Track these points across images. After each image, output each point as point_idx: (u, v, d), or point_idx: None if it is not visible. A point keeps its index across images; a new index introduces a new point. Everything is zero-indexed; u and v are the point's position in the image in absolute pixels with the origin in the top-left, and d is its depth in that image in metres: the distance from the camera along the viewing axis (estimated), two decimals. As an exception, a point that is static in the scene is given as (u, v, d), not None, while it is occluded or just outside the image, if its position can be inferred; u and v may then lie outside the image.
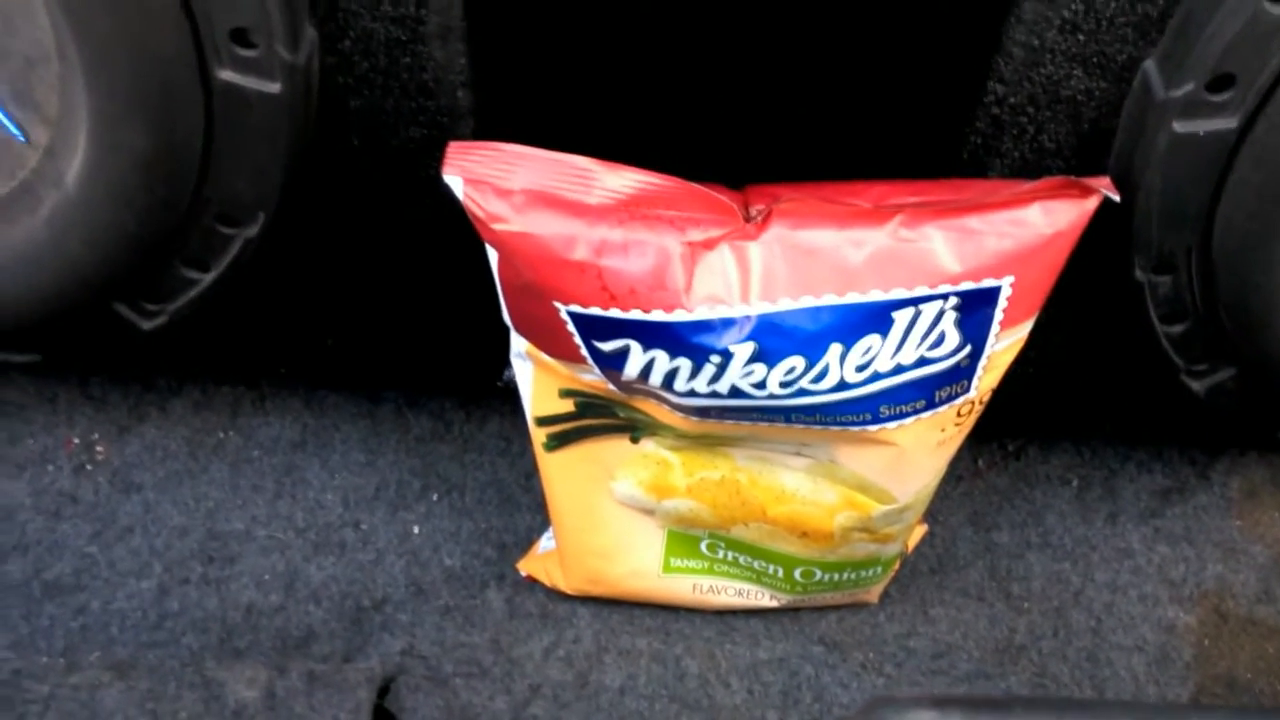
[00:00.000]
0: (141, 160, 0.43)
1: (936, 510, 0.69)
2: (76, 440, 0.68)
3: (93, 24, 0.39)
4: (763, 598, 0.61)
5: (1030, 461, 0.72)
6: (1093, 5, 0.39)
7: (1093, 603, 0.67)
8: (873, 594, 0.63)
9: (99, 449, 0.68)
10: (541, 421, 0.54)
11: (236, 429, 0.70)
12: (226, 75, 0.41)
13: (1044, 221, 0.42)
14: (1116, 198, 0.42)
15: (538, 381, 0.52)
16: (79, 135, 0.44)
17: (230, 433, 0.70)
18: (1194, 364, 0.55)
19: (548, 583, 0.64)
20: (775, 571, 0.59)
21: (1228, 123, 0.41)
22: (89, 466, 0.68)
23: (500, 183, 0.42)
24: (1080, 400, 0.65)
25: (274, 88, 0.41)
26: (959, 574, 0.67)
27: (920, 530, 0.65)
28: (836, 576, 0.59)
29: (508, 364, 0.53)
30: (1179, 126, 0.41)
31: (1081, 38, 0.41)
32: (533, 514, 0.68)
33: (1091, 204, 0.42)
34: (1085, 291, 0.51)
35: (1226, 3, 0.38)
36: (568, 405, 0.52)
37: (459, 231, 0.45)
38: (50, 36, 0.42)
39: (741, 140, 0.49)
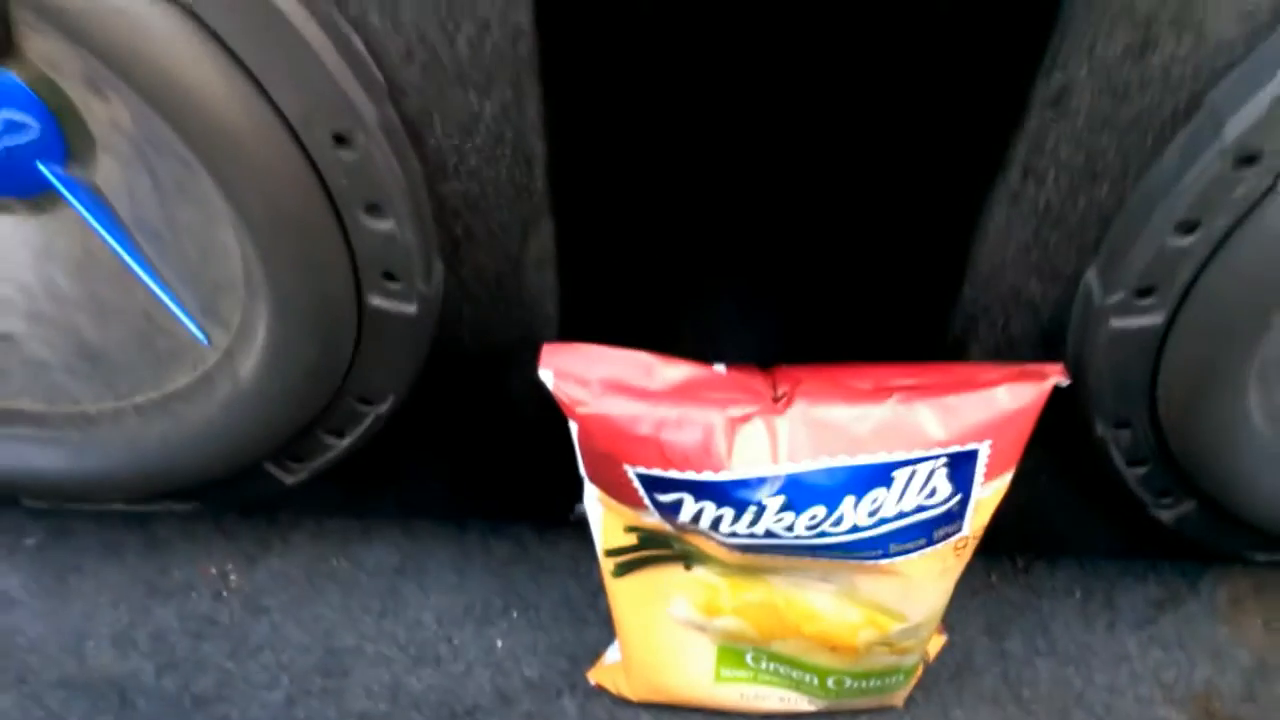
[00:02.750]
0: (306, 365, 0.54)
1: (955, 621, 0.77)
2: (214, 570, 0.78)
3: (280, 267, 0.50)
4: (801, 703, 0.70)
5: (1038, 576, 0.79)
6: (1040, 232, 0.50)
7: (1094, 704, 0.74)
8: (898, 698, 0.72)
9: (232, 577, 0.77)
10: (610, 553, 0.64)
11: (346, 556, 0.79)
12: (376, 301, 0.52)
13: (1009, 400, 0.52)
14: (1066, 382, 0.52)
15: (607, 521, 0.62)
16: (256, 343, 0.55)
17: (341, 560, 0.79)
18: (1160, 498, 0.63)
19: (614, 691, 0.73)
20: (811, 680, 0.68)
21: (1155, 320, 0.50)
22: (224, 593, 0.77)
23: (582, 375, 0.54)
24: (1076, 524, 0.74)
25: (411, 309, 0.52)
26: (975, 679, 0.74)
27: (940, 640, 0.74)
28: (864, 684, 0.68)
29: (579, 500, 0.64)
30: (1116, 323, 0.51)
31: (1034, 255, 0.51)
32: (600, 629, 0.75)
33: (1048, 385, 0.53)
34: (1066, 440, 0.61)
35: (1144, 235, 0.48)
36: (632, 539, 0.62)
37: (542, 407, 0.56)
38: (240, 271, 0.54)
39: (775, 333, 0.60)
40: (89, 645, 0.75)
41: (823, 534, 0.55)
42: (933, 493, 0.54)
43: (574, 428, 0.55)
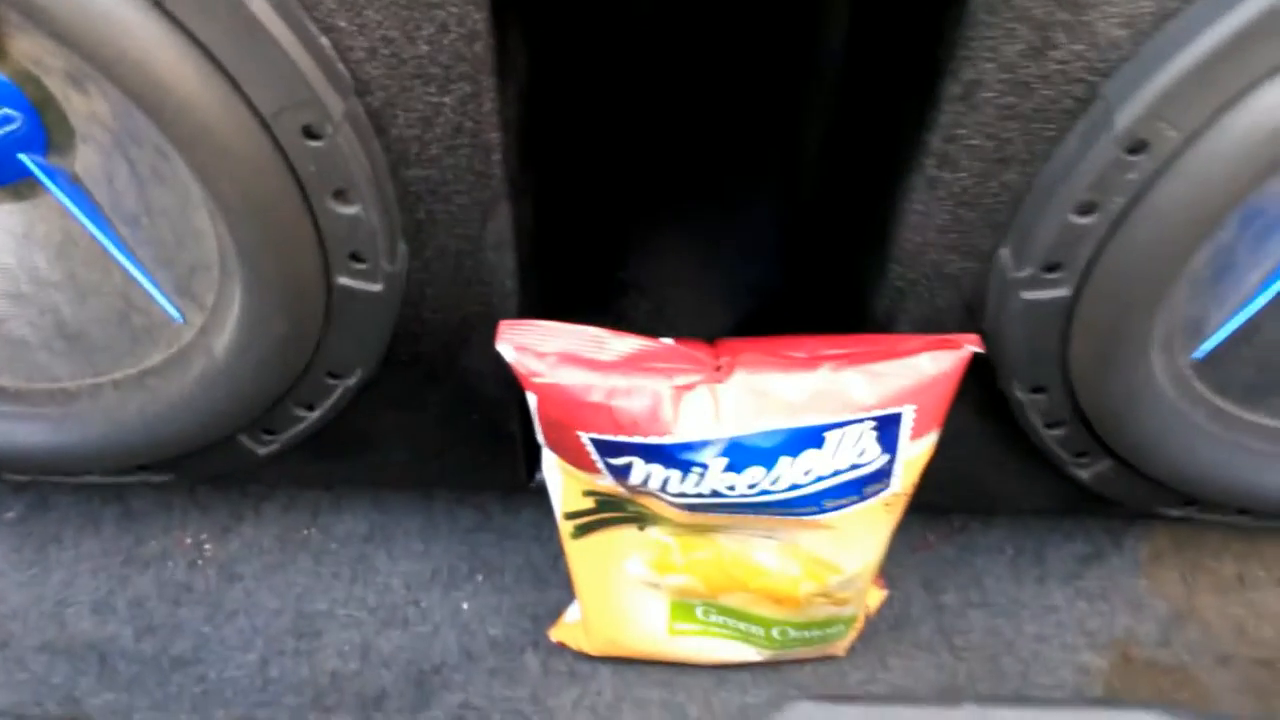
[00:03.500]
0: (278, 340, 0.57)
1: (895, 577, 0.82)
2: (189, 540, 0.81)
3: (253, 248, 0.53)
4: (749, 653, 0.75)
5: (973, 534, 0.84)
6: (957, 213, 0.55)
7: (1022, 651, 0.79)
8: (840, 648, 0.77)
9: (207, 546, 0.80)
10: (569, 516, 0.68)
11: (318, 526, 0.82)
12: (344, 280, 0.55)
13: (931, 366, 0.57)
14: (981, 350, 0.57)
15: (565, 486, 0.66)
16: (229, 321, 0.58)
17: (312, 529, 0.82)
18: (1078, 458, 0.67)
19: (575, 647, 0.77)
20: (758, 631, 0.72)
21: (1063, 292, 0.54)
22: (199, 562, 0.80)
23: (537, 348, 0.58)
24: (1007, 485, 0.79)
25: (376, 288, 0.55)
26: (912, 630, 0.79)
27: (880, 595, 0.79)
28: (807, 634, 0.72)
29: (539, 469, 0.68)
30: (1027, 296, 0.55)
31: (952, 235, 0.55)
32: (561, 590, 0.79)
33: (966, 353, 0.57)
34: (992, 405, 0.66)
35: (1048, 215, 0.52)
36: (589, 503, 0.66)
37: (502, 381, 0.59)
38: (215, 252, 0.58)
39: (719, 308, 0.64)
40: (69, 612, 0.78)
41: (763, 492, 0.59)
42: (862, 452, 0.58)
43: (531, 399, 0.59)
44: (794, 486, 0.59)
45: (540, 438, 0.62)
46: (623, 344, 0.59)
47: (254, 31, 0.44)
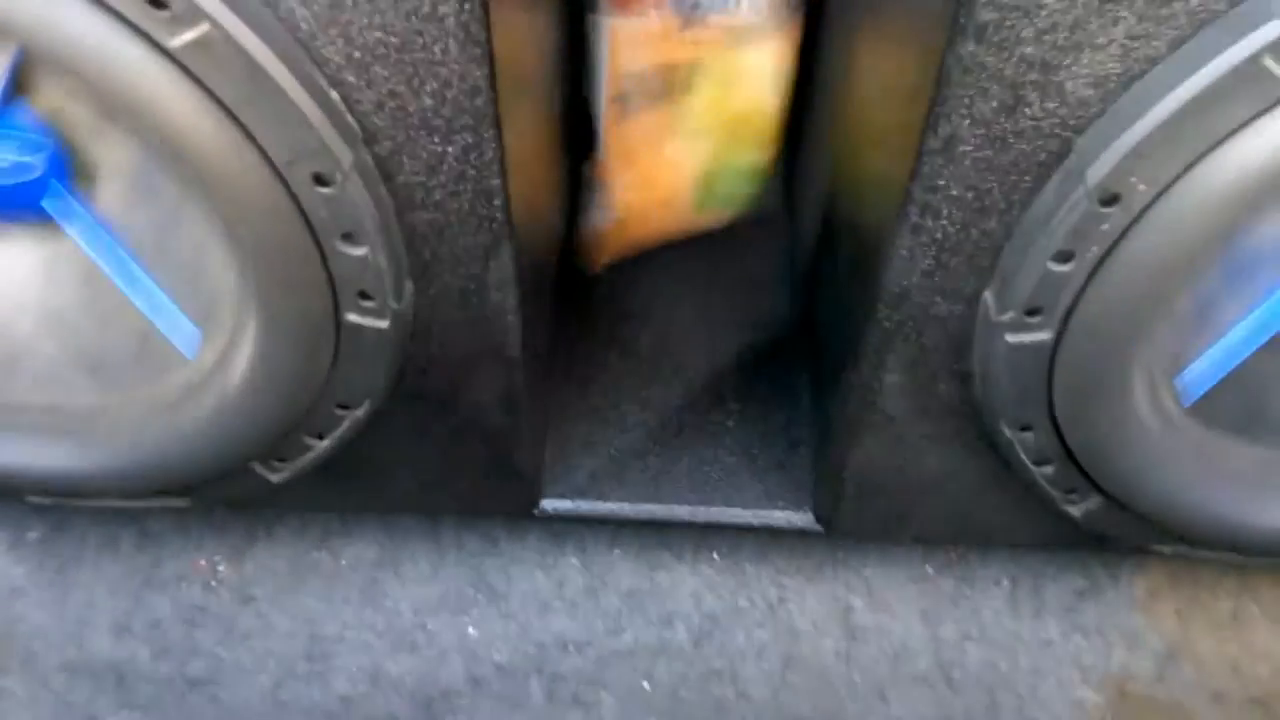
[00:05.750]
0: (290, 374, 0.59)
1: (894, 608, 0.84)
2: (204, 562, 0.83)
3: (267, 287, 0.56)
4: None
5: (971, 566, 0.84)
6: (940, 258, 0.57)
7: (1018, 685, 0.79)
8: None
9: (221, 568, 0.83)
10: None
11: (328, 549, 0.84)
12: (353, 317, 0.57)
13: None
14: None
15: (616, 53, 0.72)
16: (245, 354, 0.61)
17: (323, 553, 0.84)
18: (1068, 494, 0.68)
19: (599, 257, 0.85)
20: None
21: (1044, 336, 0.56)
22: (214, 583, 0.82)
23: None
24: (1002, 519, 0.80)
25: (384, 324, 0.57)
26: (909, 662, 0.79)
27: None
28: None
29: (543, 496, 0.70)
30: (1010, 339, 0.56)
31: (937, 278, 0.57)
32: (565, 617, 0.80)
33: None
34: (983, 442, 0.67)
35: (1027, 262, 0.54)
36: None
37: (506, 410, 0.61)
38: (230, 289, 0.60)
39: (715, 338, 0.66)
40: (89, 632, 0.80)
41: None
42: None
43: None
44: None
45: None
46: None
47: (268, 87, 0.47)
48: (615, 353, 0.61)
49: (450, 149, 0.52)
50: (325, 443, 0.67)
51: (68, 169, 0.57)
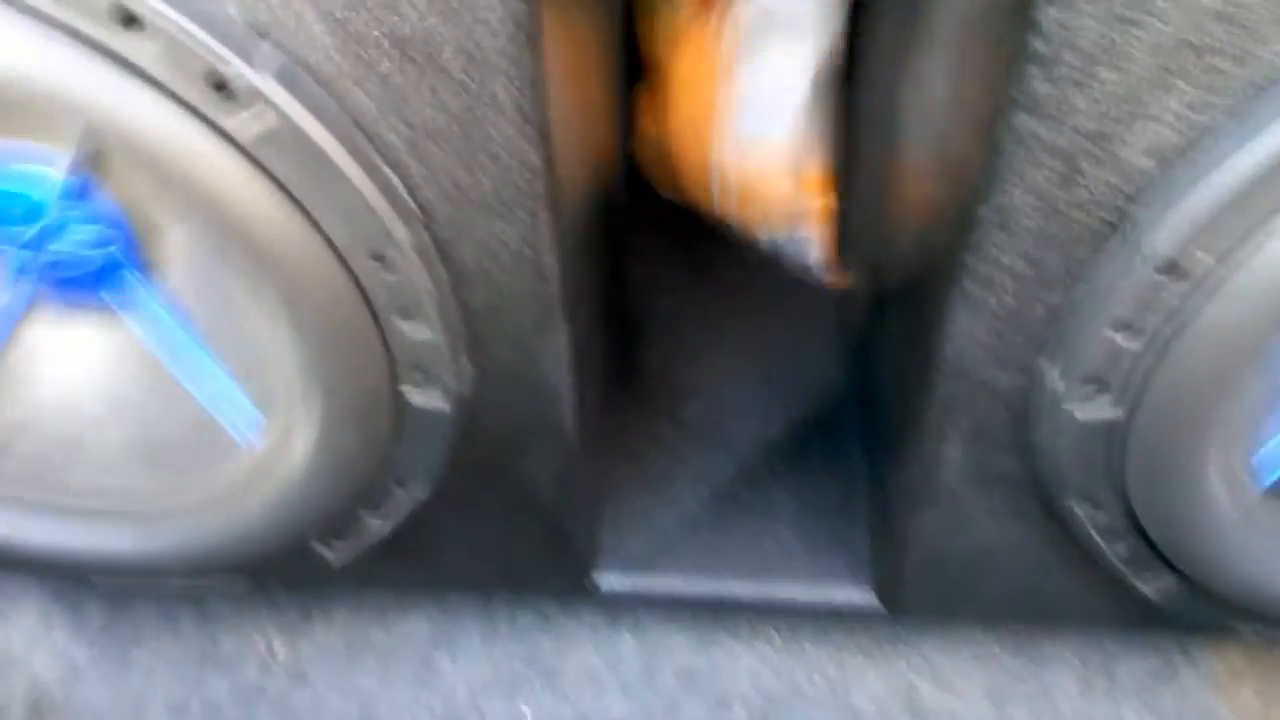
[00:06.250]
0: (351, 454, 0.60)
1: (960, 688, 0.82)
2: (261, 641, 0.84)
3: (328, 366, 0.57)
4: None
5: (1040, 645, 0.83)
6: (998, 330, 0.56)
7: None
8: None
9: (278, 648, 0.83)
10: None
11: (383, 627, 0.84)
12: (410, 392, 0.58)
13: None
14: None
15: None
16: (305, 439, 0.61)
17: (378, 631, 0.84)
18: (1140, 573, 0.66)
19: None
20: None
21: (1114, 412, 0.55)
22: (271, 664, 0.82)
23: None
24: (1073, 596, 0.77)
25: (444, 406, 0.59)
26: None
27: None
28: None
29: (595, 572, 0.69)
30: (1076, 414, 0.55)
31: (996, 351, 0.56)
32: (618, 696, 0.80)
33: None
34: (1052, 517, 0.65)
35: (1088, 333, 0.52)
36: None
37: (559, 485, 0.61)
38: (292, 369, 0.61)
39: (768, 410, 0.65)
40: (149, 714, 0.81)
41: None
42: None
43: None
44: None
45: None
46: None
47: (332, 173, 0.49)
48: (667, 425, 0.61)
49: (508, 229, 0.52)
50: (382, 521, 0.68)
51: (139, 249, 0.59)
